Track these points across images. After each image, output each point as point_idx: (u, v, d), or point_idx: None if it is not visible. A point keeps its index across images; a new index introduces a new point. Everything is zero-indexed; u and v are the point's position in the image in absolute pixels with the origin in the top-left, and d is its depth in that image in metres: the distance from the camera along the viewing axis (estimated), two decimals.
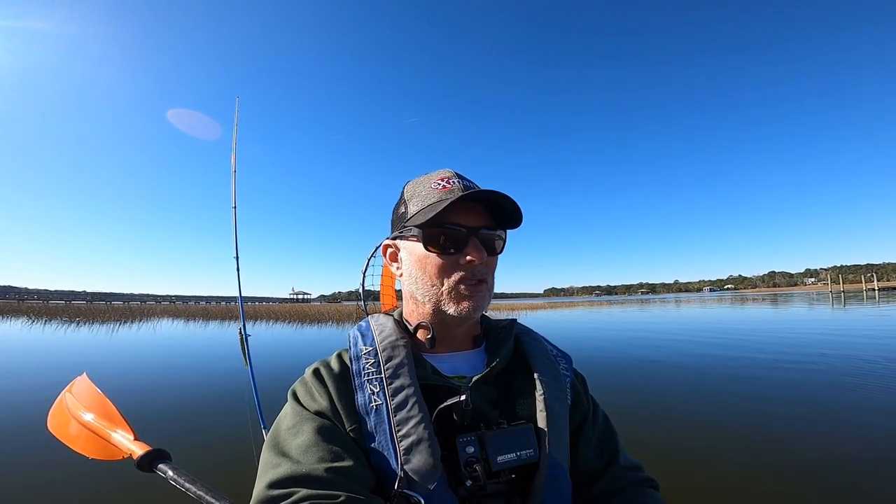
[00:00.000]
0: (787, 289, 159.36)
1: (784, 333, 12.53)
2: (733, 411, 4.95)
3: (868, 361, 7.43)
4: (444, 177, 0.81)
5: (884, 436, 3.92)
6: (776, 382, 6.23)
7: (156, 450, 1.05)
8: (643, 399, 5.60)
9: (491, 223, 0.79)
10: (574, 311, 32.53)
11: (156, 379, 7.38)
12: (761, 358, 8.21)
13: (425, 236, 0.77)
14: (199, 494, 0.92)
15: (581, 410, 0.85)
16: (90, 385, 1.23)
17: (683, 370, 7.43)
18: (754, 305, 31.51)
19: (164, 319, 24.56)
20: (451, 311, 0.77)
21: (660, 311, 28.83)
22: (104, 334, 15.74)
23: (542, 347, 0.89)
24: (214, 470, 3.52)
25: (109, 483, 3.18)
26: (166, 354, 10.63)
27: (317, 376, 0.76)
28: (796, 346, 9.76)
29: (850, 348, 9.00)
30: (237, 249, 3.33)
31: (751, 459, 3.52)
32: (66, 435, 1.16)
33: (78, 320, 22.07)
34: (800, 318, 18.06)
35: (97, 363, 9.28)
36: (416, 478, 0.64)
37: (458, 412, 0.73)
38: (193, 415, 5.22)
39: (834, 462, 3.44)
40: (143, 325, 20.06)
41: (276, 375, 7.07)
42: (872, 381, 6.06)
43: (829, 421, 4.45)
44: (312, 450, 0.65)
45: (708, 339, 11.57)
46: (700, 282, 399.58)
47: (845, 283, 72.67)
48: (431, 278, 0.77)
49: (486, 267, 0.77)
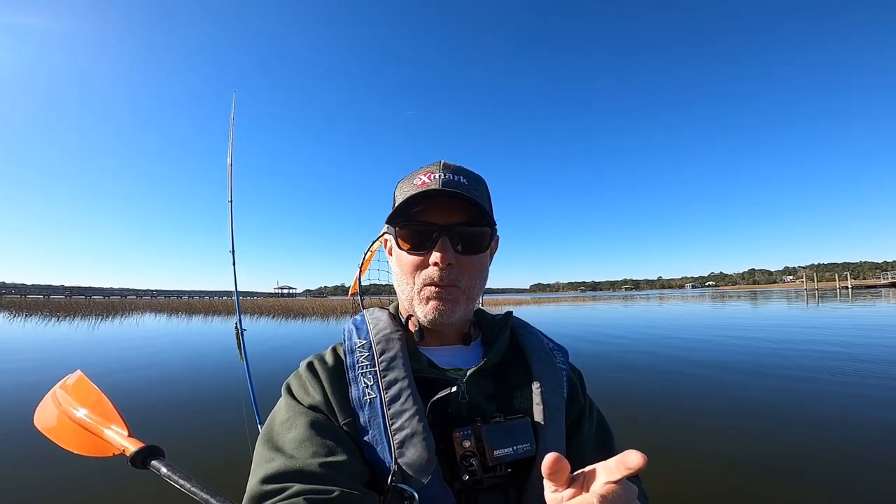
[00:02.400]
0: (766, 286, 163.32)
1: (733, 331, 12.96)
2: (697, 406, 5.18)
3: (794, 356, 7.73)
4: (428, 171, 0.79)
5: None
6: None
7: (149, 446, 1.04)
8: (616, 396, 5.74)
9: (471, 219, 0.76)
10: (560, 307, 32.88)
11: (146, 375, 7.27)
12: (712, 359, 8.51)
13: (397, 233, 0.77)
14: (194, 491, 0.92)
15: (578, 405, 0.84)
16: (86, 381, 1.22)
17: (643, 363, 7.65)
18: (719, 303, 32.27)
19: (146, 314, 24.17)
20: (420, 313, 0.76)
21: (643, 307, 29.30)
22: (88, 329, 15.44)
23: (538, 341, 0.88)
24: (209, 466, 3.49)
25: (101, 481, 3.14)
26: (155, 349, 10.47)
27: (311, 370, 0.76)
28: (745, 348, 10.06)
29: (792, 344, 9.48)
30: (233, 244, 3.29)
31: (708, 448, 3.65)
32: (55, 431, 1.14)
33: (59, 315, 21.59)
34: (756, 316, 18.74)
35: (84, 358, 9.13)
36: (410, 471, 0.64)
37: (454, 405, 0.73)
38: (186, 410, 5.18)
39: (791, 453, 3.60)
40: (125, 320, 19.70)
41: (269, 370, 7.02)
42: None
43: (757, 412, 4.71)
44: (306, 444, 0.64)
45: (666, 339, 11.87)
46: (683, 278, 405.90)
47: (820, 282, 74.66)
48: (405, 276, 0.78)
49: (459, 268, 0.75)
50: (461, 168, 0.81)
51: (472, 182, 0.79)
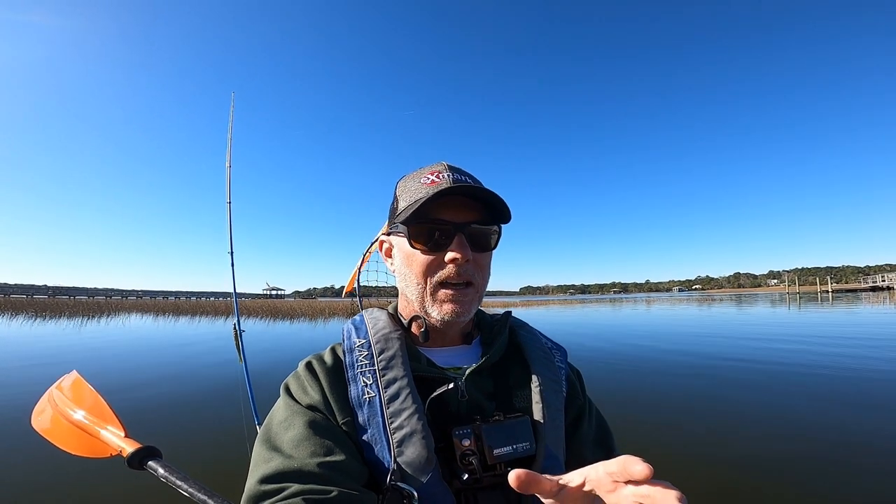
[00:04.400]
0: (751, 290, 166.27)
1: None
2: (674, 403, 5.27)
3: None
4: (434, 171, 0.79)
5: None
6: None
7: (146, 447, 1.02)
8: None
9: (483, 218, 0.77)
10: (549, 310, 33.03)
11: (141, 375, 7.18)
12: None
13: (410, 233, 0.76)
14: (191, 492, 0.90)
15: (577, 404, 0.85)
16: (82, 382, 1.21)
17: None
18: (705, 306, 32.70)
19: (133, 314, 23.86)
20: (435, 314, 0.76)
21: (629, 311, 29.54)
22: (75, 329, 15.20)
23: (536, 340, 0.88)
24: (207, 466, 3.46)
25: (98, 482, 3.10)
26: (146, 350, 10.35)
27: (309, 370, 0.76)
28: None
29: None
30: (232, 245, 3.25)
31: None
32: (52, 432, 1.14)
33: (45, 315, 21.33)
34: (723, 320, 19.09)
35: (77, 357, 8.98)
36: (409, 470, 0.64)
37: (453, 404, 0.73)
38: (182, 410, 5.13)
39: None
40: (111, 321, 19.44)
41: (258, 369, 6.99)
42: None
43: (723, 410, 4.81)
44: (305, 444, 0.64)
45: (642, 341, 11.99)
46: (670, 282, 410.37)
47: (801, 286, 76.31)
48: (417, 276, 0.76)
49: (474, 265, 0.76)
50: (464, 170, 0.82)
51: (476, 182, 0.79)
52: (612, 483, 0.43)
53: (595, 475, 0.44)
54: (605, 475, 0.43)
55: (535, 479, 0.43)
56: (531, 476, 0.43)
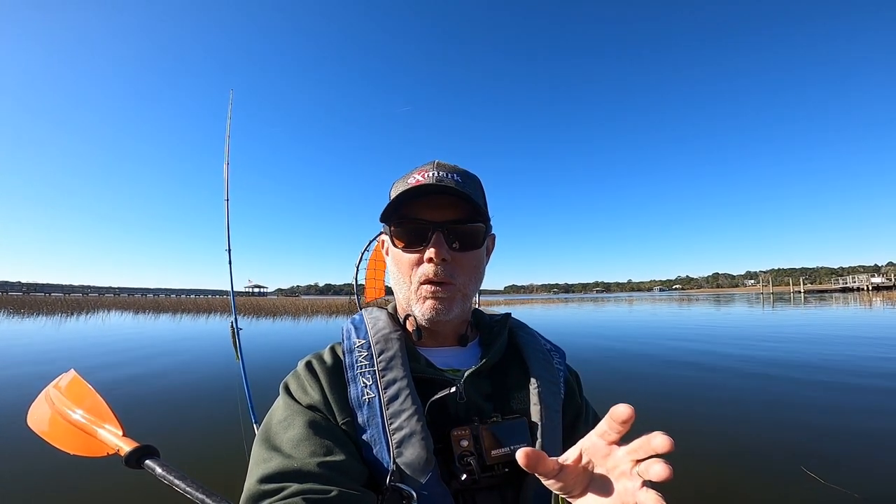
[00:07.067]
0: (728, 290, 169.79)
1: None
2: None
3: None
4: (423, 170, 0.79)
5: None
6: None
7: (144, 446, 1.03)
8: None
9: (467, 216, 0.77)
10: (533, 308, 33.29)
11: (137, 373, 7.06)
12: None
13: (391, 231, 0.78)
14: (189, 491, 0.91)
15: (575, 406, 0.86)
16: (80, 381, 1.21)
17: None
18: (684, 305, 33.44)
19: (112, 312, 23.41)
20: (418, 312, 0.77)
21: (612, 309, 29.99)
22: (56, 327, 14.83)
23: (535, 341, 0.89)
24: (205, 465, 3.43)
25: (96, 481, 3.07)
26: (138, 347, 10.15)
27: (309, 369, 0.76)
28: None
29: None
30: (229, 242, 3.21)
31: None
32: (49, 431, 1.13)
33: (23, 312, 20.86)
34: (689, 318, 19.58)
35: (70, 356, 8.77)
36: (408, 471, 0.65)
37: (452, 405, 0.73)
38: (180, 409, 5.07)
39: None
40: (90, 318, 19.02)
41: (262, 371, 6.95)
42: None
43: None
44: (304, 444, 0.64)
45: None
46: (651, 281, 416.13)
47: (776, 286, 78.55)
48: (402, 275, 0.78)
49: (454, 264, 0.75)
50: (455, 167, 0.82)
51: (465, 180, 0.79)
52: (606, 447, 0.47)
53: (589, 442, 0.48)
54: (597, 439, 0.47)
55: (541, 458, 0.46)
56: (538, 454, 0.46)
